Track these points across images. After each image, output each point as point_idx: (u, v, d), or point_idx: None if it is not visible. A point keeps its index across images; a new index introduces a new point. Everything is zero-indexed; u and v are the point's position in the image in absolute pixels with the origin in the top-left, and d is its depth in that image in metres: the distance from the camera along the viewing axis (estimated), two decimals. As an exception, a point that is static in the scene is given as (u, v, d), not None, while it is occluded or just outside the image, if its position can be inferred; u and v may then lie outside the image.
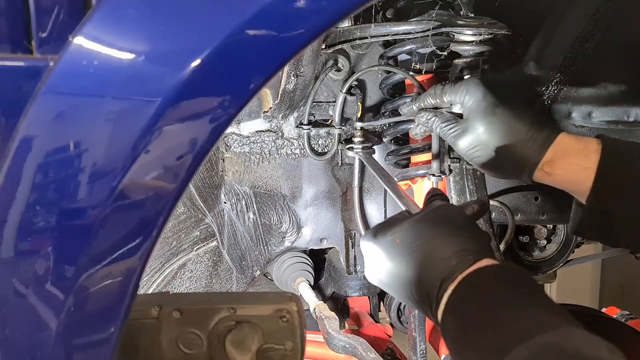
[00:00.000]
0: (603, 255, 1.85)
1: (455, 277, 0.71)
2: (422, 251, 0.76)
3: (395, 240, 0.79)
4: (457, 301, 0.70)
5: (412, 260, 0.76)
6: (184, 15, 0.53)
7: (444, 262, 0.73)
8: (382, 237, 0.81)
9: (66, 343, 0.56)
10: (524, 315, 0.63)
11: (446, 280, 0.71)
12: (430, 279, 0.73)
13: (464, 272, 0.71)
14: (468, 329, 0.67)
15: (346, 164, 1.28)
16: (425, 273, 0.74)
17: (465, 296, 0.70)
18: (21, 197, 0.54)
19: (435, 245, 0.75)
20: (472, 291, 0.70)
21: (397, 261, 0.78)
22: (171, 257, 1.21)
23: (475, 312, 0.67)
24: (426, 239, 0.76)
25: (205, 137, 0.54)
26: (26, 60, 0.56)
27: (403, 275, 0.77)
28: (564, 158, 0.85)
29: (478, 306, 0.68)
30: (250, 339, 0.68)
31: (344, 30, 1.06)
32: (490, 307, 0.66)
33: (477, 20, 0.98)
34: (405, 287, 0.77)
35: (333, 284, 1.43)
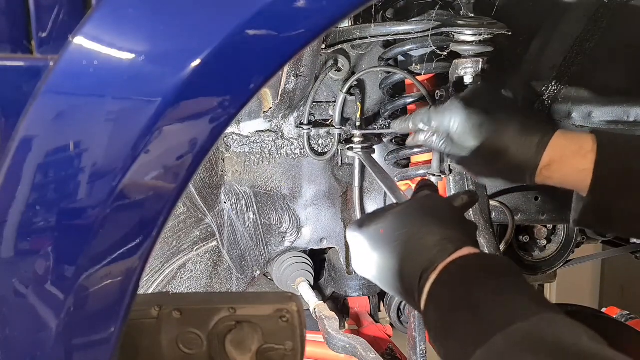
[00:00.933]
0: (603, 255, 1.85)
1: (436, 266, 0.70)
2: (404, 240, 0.75)
3: (379, 230, 0.79)
4: (438, 290, 0.69)
5: (395, 250, 0.76)
6: (184, 15, 0.53)
7: (426, 252, 0.73)
8: (367, 227, 0.81)
9: (66, 343, 0.56)
10: (504, 302, 0.63)
11: (427, 269, 0.71)
12: (412, 269, 0.73)
13: (445, 260, 0.70)
14: (448, 317, 0.67)
15: (346, 164, 1.28)
16: (407, 263, 0.74)
17: (446, 285, 0.69)
18: (21, 197, 0.54)
19: (418, 234, 0.75)
20: (453, 279, 0.69)
21: (380, 251, 0.77)
22: (171, 257, 1.21)
23: (456, 300, 0.67)
24: (409, 229, 0.76)
25: (205, 137, 0.54)
26: (26, 60, 0.56)
27: (387, 265, 0.76)
28: (560, 161, 0.85)
29: (458, 294, 0.67)
30: (250, 339, 0.68)
31: (344, 30, 1.06)
32: (470, 294, 0.66)
33: (477, 20, 0.98)
34: (390, 277, 0.77)
35: (333, 284, 1.43)
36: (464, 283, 0.68)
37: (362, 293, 1.43)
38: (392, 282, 0.77)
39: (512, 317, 0.60)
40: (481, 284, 0.67)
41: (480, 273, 0.69)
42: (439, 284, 0.70)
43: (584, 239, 1.56)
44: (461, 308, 0.66)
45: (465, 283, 0.68)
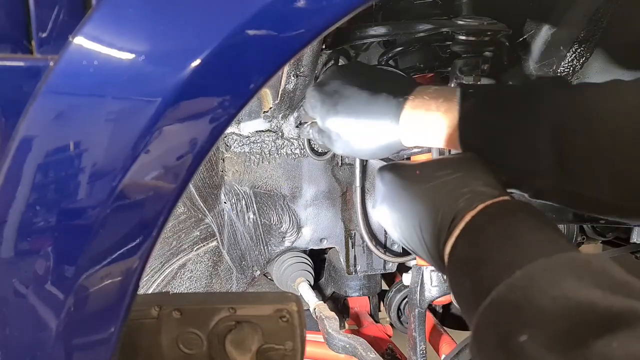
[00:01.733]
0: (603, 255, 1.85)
1: (476, 206, 0.67)
2: (443, 181, 0.72)
3: (415, 171, 0.76)
4: (473, 226, 0.66)
5: (430, 190, 0.72)
6: (184, 15, 0.53)
7: (465, 192, 0.69)
8: (401, 168, 0.78)
9: (66, 343, 0.56)
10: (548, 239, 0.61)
11: (464, 210, 0.67)
12: (446, 208, 0.69)
13: (485, 202, 0.67)
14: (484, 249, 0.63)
15: (346, 164, 1.28)
16: (442, 202, 0.70)
17: (485, 221, 0.66)
18: (21, 197, 0.54)
19: (459, 176, 0.72)
20: (493, 217, 0.66)
21: (412, 191, 0.74)
22: (171, 257, 1.21)
23: (494, 233, 0.64)
24: (449, 171, 0.73)
25: (205, 137, 0.54)
26: (26, 60, 0.56)
27: (416, 207, 0.72)
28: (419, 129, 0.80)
29: (498, 228, 0.64)
30: (250, 339, 0.68)
31: (344, 30, 1.06)
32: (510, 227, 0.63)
33: (477, 20, 0.98)
34: (416, 220, 0.72)
35: (333, 284, 1.43)
36: (506, 219, 0.65)
37: (362, 293, 1.43)
38: (416, 227, 0.73)
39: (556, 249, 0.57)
40: (522, 220, 0.64)
41: (523, 213, 0.66)
42: (477, 220, 0.66)
43: (584, 239, 1.56)
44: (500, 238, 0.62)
45: (507, 219, 0.65)
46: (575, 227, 1.45)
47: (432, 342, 1.37)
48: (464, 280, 0.64)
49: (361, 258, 1.32)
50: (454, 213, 0.68)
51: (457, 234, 0.67)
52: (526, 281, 0.54)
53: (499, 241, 0.62)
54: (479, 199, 0.68)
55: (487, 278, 0.59)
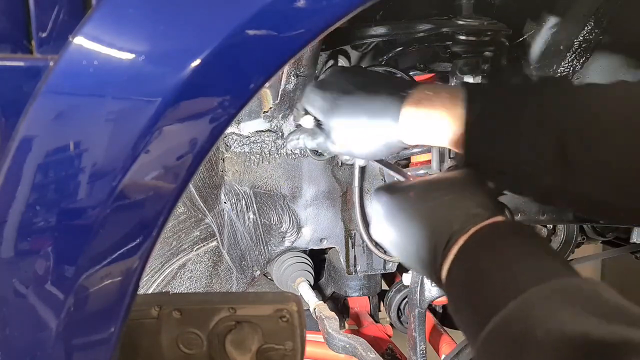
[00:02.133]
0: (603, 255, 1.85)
1: (469, 229, 0.68)
2: (436, 203, 0.73)
3: (409, 193, 0.77)
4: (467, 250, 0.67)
5: (425, 212, 0.73)
6: (184, 15, 0.53)
7: (458, 215, 0.70)
8: (396, 190, 0.79)
9: (66, 343, 0.56)
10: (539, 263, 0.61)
11: (458, 232, 0.68)
12: (441, 231, 0.70)
13: (478, 225, 0.68)
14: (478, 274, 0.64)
15: (346, 164, 1.28)
16: (436, 225, 0.71)
17: (477, 245, 0.67)
18: (21, 197, 0.54)
19: (451, 199, 0.73)
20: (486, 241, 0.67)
21: (408, 213, 0.75)
22: (171, 257, 1.21)
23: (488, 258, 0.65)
24: (442, 192, 0.74)
25: (205, 137, 0.54)
26: (26, 60, 0.56)
27: (412, 228, 0.74)
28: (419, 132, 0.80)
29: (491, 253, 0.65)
30: (250, 339, 0.68)
31: (344, 30, 1.06)
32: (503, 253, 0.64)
33: (477, 20, 0.98)
34: (413, 242, 0.74)
35: (333, 284, 1.43)
36: (497, 244, 0.66)
37: (362, 293, 1.43)
38: (412, 247, 0.74)
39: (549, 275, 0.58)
40: (514, 245, 0.65)
41: (514, 236, 0.67)
42: (470, 245, 0.67)
43: (584, 239, 1.56)
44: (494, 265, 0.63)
45: (499, 244, 0.66)
46: (575, 227, 1.45)
47: (432, 342, 1.37)
48: (462, 307, 0.65)
49: (361, 258, 1.32)
50: (448, 236, 0.69)
51: (452, 258, 0.68)
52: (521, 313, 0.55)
53: (493, 268, 0.63)
54: (472, 222, 0.69)
55: (483, 308, 0.60)
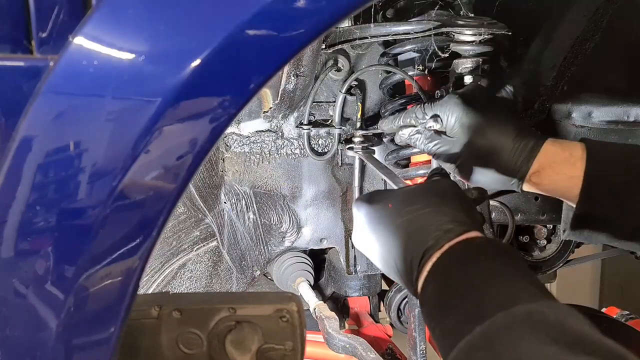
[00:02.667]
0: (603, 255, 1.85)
1: (442, 245, 0.69)
2: (412, 217, 0.74)
3: (387, 205, 0.78)
4: (440, 268, 0.68)
5: (401, 226, 0.74)
6: (184, 15, 0.53)
7: (433, 230, 0.71)
8: (375, 201, 0.80)
9: (66, 343, 0.56)
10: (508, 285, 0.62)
11: (432, 247, 0.70)
12: (416, 246, 0.72)
13: (451, 241, 0.69)
14: (449, 295, 0.65)
15: (346, 164, 1.28)
16: (412, 240, 0.73)
17: (449, 263, 0.68)
18: (21, 197, 0.54)
19: (427, 213, 0.74)
20: (457, 259, 0.68)
21: (385, 225, 0.76)
22: (171, 257, 1.21)
23: (458, 278, 0.66)
24: (418, 206, 0.75)
25: (205, 137, 0.54)
26: (26, 60, 0.56)
27: (389, 241, 0.75)
28: (550, 168, 0.85)
29: (461, 273, 0.66)
30: (250, 339, 0.68)
31: (344, 30, 1.06)
32: (473, 274, 0.65)
33: (477, 20, 0.98)
34: (391, 254, 0.75)
35: (333, 284, 1.43)
36: (468, 263, 0.67)
37: (362, 293, 1.43)
38: (391, 260, 0.75)
39: (515, 299, 0.59)
40: (485, 265, 0.66)
41: (485, 255, 0.67)
42: (442, 263, 0.68)
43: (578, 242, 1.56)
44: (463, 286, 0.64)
45: (469, 263, 0.67)
46: (571, 234, 1.45)
47: (432, 342, 1.37)
48: (434, 327, 0.66)
49: (361, 258, 1.32)
50: (422, 251, 0.70)
51: (425, 275, 0.69)
52: (485, 341, 0.56)
53: (462, 289, 0.64)
54: (446, 238, 0.70)
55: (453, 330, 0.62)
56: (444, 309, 0.65)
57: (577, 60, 1.14)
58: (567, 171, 0.83)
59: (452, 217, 0.73)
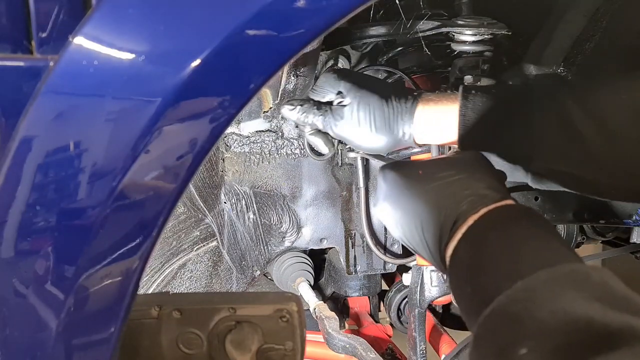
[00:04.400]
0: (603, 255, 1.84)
1: (479, 209, 0.68)
2: (445, 182, 0.72)
3: (418, 171, 0.76)
4: (477, 231, 0.66)
5: (432, 190, 0.72)
6: (184, 15, 0.53)
7: (467, 195, 0.70)
8: (403, 167, 0.79)
9: (66, 343, 0.56)
10: (550, 247, 0.61)
11: (467, 212, 0.68)
12: (449, 210, 0.69)
13: (488, 206, 0.68)
14: (486, 256, 0.63)
15: (346, 164, 1.28)
16: (444, 204, 0.70)
17: (487, 227, 0.66)
18: (21, 197, 0.54)
19: (461, 178, 0.72)
20: (495, 223, 0.67)
21: (414, 190, 0.74)
22: (171, 257, 1.21)
23: (496, 239, 0.64)
24: (452, 172, 0.74)
25: (206, 137, 0.54)
26: (26, 60, 0.56)
27: (418, 206, 0.73)
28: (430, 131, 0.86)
29: (500, 234, 0.64)
30: (250, 339, 0.68)
31: (344, 30, 1.06)
32: (513, 235, 0.64)
33: (477, 20, 0.98)
34: (417, 220, 0.73)
35: (333, 284, 1.43)
36: (508, 226, 0.66)
37: (362, 293, 1.43)
38: (418, 226, 0.73)
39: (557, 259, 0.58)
40: (525, 228, 0.65)
41: (524, 220, 0.66)
42: (479, 225, 0.67)
43: (584, 239, 1.56)
44: (502, 247, 0.63)
45: (509, 226, 0.65)
46: (575, 227, 1.45)
47: (432, 342, 1.37)
48: (465, 285, 0.64)
49: (361, 258, 1.32)
50: (456, 216, 0.68)
51: (459, 237, 0.67)
52: (527, 293, 0.55)
53: (501, 249, 0.63)
54: (482, 203, 0.68)
55: (489, 286, 0.60)
56: (479, 267, 0.63)
57: (577, 60, 1.14)
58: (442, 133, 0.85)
59: (488, 184, 0.71)
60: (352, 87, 0.89)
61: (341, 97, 0.90)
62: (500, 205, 0.68)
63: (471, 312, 0.62)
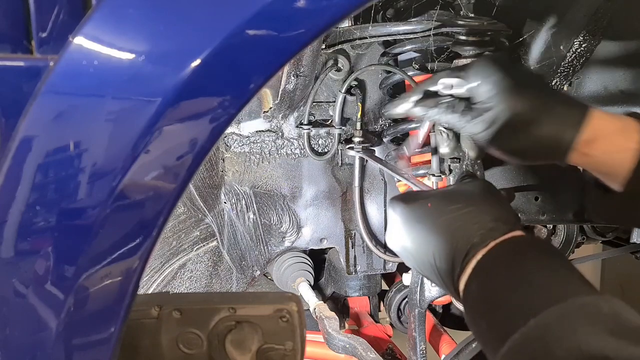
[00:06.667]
0: (603, 255, 1.84)
1: (488, 243, 0.69)
2: (455, 216, 0.73)
3: (427, 204, 0.77)
4: (487, 264, 0.67)
5: (443, 224, 0.73)
6: (184, 15, 0.53)
7: (477, 229, 0.71)
8: (413, 200, 0.79)
9: (66, 343, 0.56)
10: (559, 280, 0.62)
11: (477, 245, 0.69)
12: (459, 244, 0.71)
13: (497, 239, 0.69)
14: (497, 290, 0.64)
15: (346, 164, 1.28)
16: (455, 237, 0.72)
17: (497, 260, 0.67)
18: (21, 197, 0.54)
19: (469, 211, 0.73)
20: (505, 256, 0.68)
21: (425, 224, 0.75)
22: (171, 257, 1.21)
23: (507, 274, 0.65)
24: (460, 205, 0.74)
25: (205, 137, 0.54)
26: (26, 60, 0.56)
27: (430, 239, 0.74)
28: (603, 137, 0.75)
29: (510, 269, 0.65)
30: (250, 339, 0.68)
31: (344, 30, 1.06)
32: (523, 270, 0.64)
33: (477, 20, 0.98)
34: (430, 252, 0.74)
35: (333, 284, 1.43)
36: (516, 259, 0.66)
37: (362, 293, 1.43)
38: (429, 258, 0.74)
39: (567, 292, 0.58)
40: (533, 262, 0.65)
41: (533, 252, 0.67)
42: (489, 260, 0.68)
43: (584, 239, 1.56)
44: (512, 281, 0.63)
45: (518, 259, 0.66)
46: (575, 227, 1.45)
47: (432, 342, 1.37)
48: (480, 321, 0.66)
49: (361, 258, 1.32)
50: (466, 249, 0.70)
51: (470, 271, 0.69)
52: (541, 331, 0.55)
53: (512, 283, 0.63)
54: (491, 236, 0.69)
55: (503, 322, 0.61)
56: (492, 303, 0.64)
57: (577, 60, 1.14)
58: (621, 142, 0.75)
59: (495, 216, 0.72)
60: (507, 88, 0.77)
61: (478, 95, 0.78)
62: (508, 238, 0.69)
63: (489, 348, 0.63)
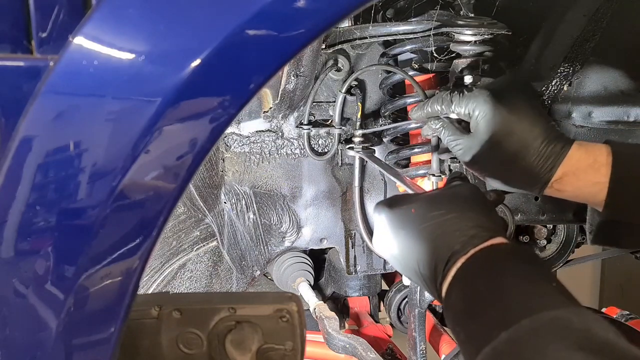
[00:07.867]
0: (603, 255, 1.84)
1: (468, 250, 0.69)
2: (437, 222, 0.74)
3: (410, 210, 0.78)
4: (466, 273, 0.68)
5: (425, 230, 0.74)
6: (184, 15, 0.53)
7: (459, 235, 0.71)
8: (398, 206, 0.80)
9: (66, 343, 0.56)
10: (534, 290, 0.62)
11: (458, 253, 0.70)
12: (441, 251, 0.72)
13: (477, 246, 0.69)
14: (474, 301, 0.65)
15: (346, 164, 1.28)
16: (436, 244, 0.73)
17: (475, 269, 0.68)
18: (21, 197, 0.54)
19: (451, 218, 0.74)
20: (483, 264, 0.68)
21: (409, 230, 0.76)
22: (171, 257, 1.21)
23: (484, 284, 0.66)
24: (443, 211, 0.75)
25: (205, 137, 0.54)
26: (26, 60, 0.56)
27: (413, 245, 0.75)
28: (573, 175, 0.83)
29: (487, 278, 0.66)
30: (250, 339, 0.68)
31: (344, 30, 1.06)
32: (499, 279, 0.65)
33: (477, 20, 0.98)
34: (414, 258, 0.75)
35: (333, 284, 1.43)
36: (493, 268, 0.67)
37: (362, 293, 1.43)
38: (413, 264, 0.75)
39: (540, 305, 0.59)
40: (510, 272, 0.66)
41: (511, 261, 0.68)
42: (468, 268, 0.68)
43: (584, 239, 1.56)
44: (488, 291, 0.64)
45: (495, 268, 0.67)
46: (575, 227, 1.45)
47: (432, 342, 1.37)
48: (459, 331, 0.67)
49: (361, 258, 1.32)
50: (447, 256, 0.71)
51: (450, 279, 0.69)
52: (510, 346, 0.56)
53: (487, 294, 0.64)
54: (471, 243, 0.70)
55: (478, 334, 0.62)
56: (469, 313, 0.65)
57: (577, 60, 1.14)
58: (591, 177, 0.82)
59: (477, 222, 0.73)
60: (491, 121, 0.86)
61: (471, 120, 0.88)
62: (488, 246, 0.69)
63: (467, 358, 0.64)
